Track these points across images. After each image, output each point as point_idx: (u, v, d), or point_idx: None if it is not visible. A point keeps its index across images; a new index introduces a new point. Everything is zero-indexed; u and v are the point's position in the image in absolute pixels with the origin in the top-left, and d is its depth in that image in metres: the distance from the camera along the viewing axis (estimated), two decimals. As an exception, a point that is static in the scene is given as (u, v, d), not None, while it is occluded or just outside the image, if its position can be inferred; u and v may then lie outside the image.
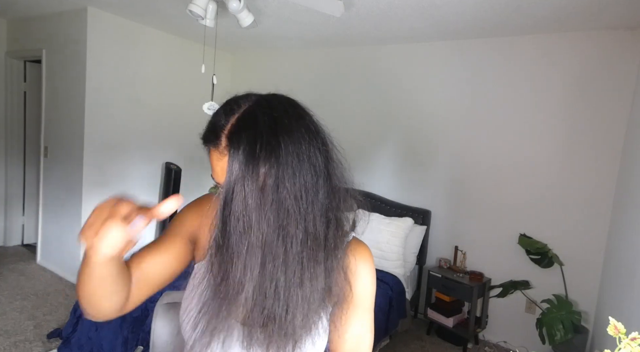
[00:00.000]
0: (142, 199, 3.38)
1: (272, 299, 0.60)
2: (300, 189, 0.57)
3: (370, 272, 0.71)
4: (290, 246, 0.58)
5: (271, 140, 0.56)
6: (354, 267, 0.69)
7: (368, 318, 0.72)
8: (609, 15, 2.26)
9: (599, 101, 2.53)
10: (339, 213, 0.65)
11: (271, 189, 0.56)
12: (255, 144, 0.56)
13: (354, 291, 0.69)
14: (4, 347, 2.34)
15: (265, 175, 0.56)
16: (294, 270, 0.59)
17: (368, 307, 0.72)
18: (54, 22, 3.32)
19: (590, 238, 2.57)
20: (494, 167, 2.92)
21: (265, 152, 0.55)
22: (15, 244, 4.00)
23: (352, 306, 0.70)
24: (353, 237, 0.73)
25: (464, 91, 3.02)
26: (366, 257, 0.72)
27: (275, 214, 0.57)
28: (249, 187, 0.55)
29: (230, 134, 0.58)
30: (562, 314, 2.33)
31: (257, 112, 0.59)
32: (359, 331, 0.71)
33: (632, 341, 0.53)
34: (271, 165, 0.55)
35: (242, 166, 0.55)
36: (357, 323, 0.71)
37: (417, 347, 2.78)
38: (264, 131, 0.56)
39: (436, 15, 2.53)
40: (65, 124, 3.28)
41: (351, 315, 0.70)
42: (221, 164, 0.59)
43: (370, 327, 0.72)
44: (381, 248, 2.94)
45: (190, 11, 2.07)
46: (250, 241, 0.57)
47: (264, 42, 3.71)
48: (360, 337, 0.71)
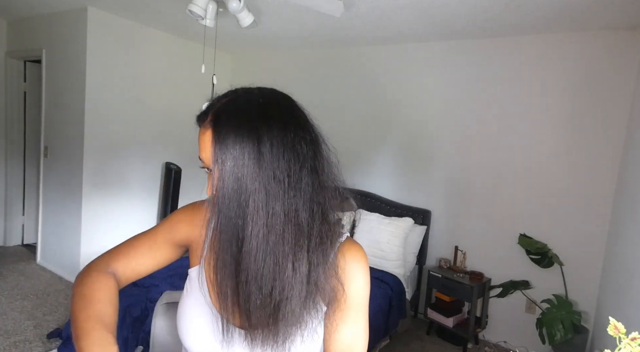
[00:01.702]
0: (142, 199, 3.35)
1: (260, 279, 0.62)
2: (282, 172, 0.60)
3: (363, 273, 0.71)
4: (272, 222, 0.60)
5: (255, 121, 0.60)
6: (347, 267, 0.70)
7: (362, 320, 0.72)
8: (609, 15, 2.26)
9: (599, 101, 2.53)
10: (326, 208, 0.66)
11: (254, 165, 0.59)
12: (238, 123, 0.60)
13: (347, 291, 0.69)
14: (4, 347, 2.34)
15: (248, 152, 0.59)
16: (277, 248, 0.61)
17: (362, 309, 0.71)
18: (54, 22, 3.32)
19: (590, 238, 2.57)
20: (494, 167, 2.92)
21: (247, 131, 0.59)
22: (15, 244, 4.00)
23: (346, 307, 0.69)
24: (347, 237, 0.73)
25: (464, 91, 3.02)
26: (359, 258, 0.71)
27: (259, 188, 0.59)
28: (230, 162, 0.59)
29: (217, 112, 0.63)
30: (562, 314, 2.33)
31: (248, 97, 0.64)
32: (352, 332, 0.70)
33: (632, 341, 0.53)
34: (253, 143, 0.59)
35: (223, 143, 0.59)
36: (351, 324, 0.70)
37: (417, 347, 2.78)
38: (251, 113, 0.61)
39: (436, 15, 2.53)
40: (65, 124, 3.28)
41: (345, 316, 0.70)
42: (204, 138, 0.63)
43: (364, 328, 0.72)
44: (381, 248, 2.94)
45: (190, 11, 2.07)
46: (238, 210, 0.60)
47: (264, 42, 3.71)
48: (353, 338, 0.71)
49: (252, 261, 0.61)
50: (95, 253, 3.68)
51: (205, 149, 0.63)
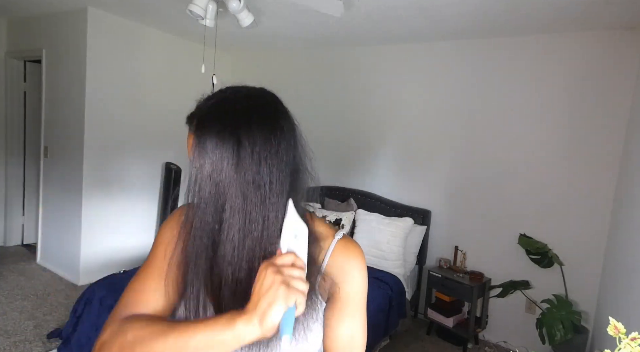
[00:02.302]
0: (142, 199, 3.34)
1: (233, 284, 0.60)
2: (262, 178, 0.60)
3: (360, 269, 0.71)
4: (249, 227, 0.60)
5: (236, 126, 0.60)
6: (344, 265, 0.70)
7: (360, 316, 0.72)
8: (609, 15, 2.26)
9: (599, 101, 2.53)
10: (308, 211, 0.69)
11: (232, 170, 0.59)
12: (219, 129, 0.60)
13: (345, 288, 0.69)
14: (4, 347, 2.34)
15: (227, 157, 0.59)
16: (252, 254, 0.60)
17: (360, 305, 0.72)
18: (54, 22, 3.32)
19: (590, 238, 2.57)
20: (494, 167, 2.92)
21: (228, 135, 0.59)
22: (15, 244, 4.00)
23: (344, 303, 0.70)
24: (344, 235, 0.74)
25: (464, 91, 3.02)
26: (355, 254, 0.72)
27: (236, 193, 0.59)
28: (208, 167, 0.60)
29: (200, 116, 0.64)
30: (562, 314, 2.33)
31: (234, 98, 0.64)
32: (351, 328, 0.71)
33: (632, 341, 0.53)
34: (233, 147, 0.59)
35: (203, 148, 0.60)
36: (349, 320, 0.71)
37: (417, 347, 2.78)
38: (235, 116, 0.61)
39: (436, 15, 2.53)
40: (65, 124, 3.28)
41: (343, 313, 0.70)
42: (189, 141, 0.65)
43: (362, 325, 0.72)
44: (381, 248, 2.94)
45: (190, 11, 2.07)
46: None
47: (264, 42, 3.71)
48: (353, 334, 0.71)
49: (226, 266, 0.60)
50: (95, 253, 3.66)
51: (190, 151, 0.65)
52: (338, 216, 3.19)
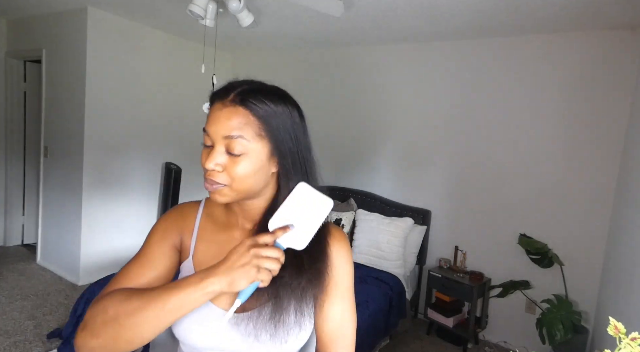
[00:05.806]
0: (142, 198, 3.34)
1: None
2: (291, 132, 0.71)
3: (344, 251, 0.78)
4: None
5: (285, 100, 0.71)
6: (332, 250, 0.76)
7: (350, 299, 0.78)
8: (609, 15, 2.26)
9: (599, 101, 2.53)
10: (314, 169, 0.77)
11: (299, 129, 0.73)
12: (272, 99, 0.69)
13: (334, 273, 0.75)
14: (4, 347, 2.34)
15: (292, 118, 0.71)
16: None
17: (347, 286, 0.77)
18: (54, 22, 3.32)
19: (590, 238, 2.57)
20: (494, 167, 2.92)
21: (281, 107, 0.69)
22: (15, 244, 4.00)
23: (334, 288, 0.75)
24: (328, 222, 0.79)
25: (464, 91, 3.02)
26: (339, 238, 0.78)
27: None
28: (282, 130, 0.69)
29: (244, 91, 0.68)
30: (562, 314, 2.33)
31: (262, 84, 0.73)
32: (342, 310, 0.76)
33: (632, 341, 0.52)
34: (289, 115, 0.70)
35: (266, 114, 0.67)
36: (339, 304, 0.76)
37: (417, 347, 2.78)
38: (278, 93, 0.72)
39: (436, 15, 2.53)
40: (65, 124, 3.28)
41: (333, 297, 0.75)
42: (225, 111, 0.66)
43: (352, 307, 0.78)
44: (381, 248, 2.94)
45: (190, 11, 2.07)
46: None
47: (264, 42, 3.71)
48: (343, 316, 0.76)
49: None
50: (95, 253, 3.66)
51: (218, 123, 0.66)
52: (338, 215, 3.19)
